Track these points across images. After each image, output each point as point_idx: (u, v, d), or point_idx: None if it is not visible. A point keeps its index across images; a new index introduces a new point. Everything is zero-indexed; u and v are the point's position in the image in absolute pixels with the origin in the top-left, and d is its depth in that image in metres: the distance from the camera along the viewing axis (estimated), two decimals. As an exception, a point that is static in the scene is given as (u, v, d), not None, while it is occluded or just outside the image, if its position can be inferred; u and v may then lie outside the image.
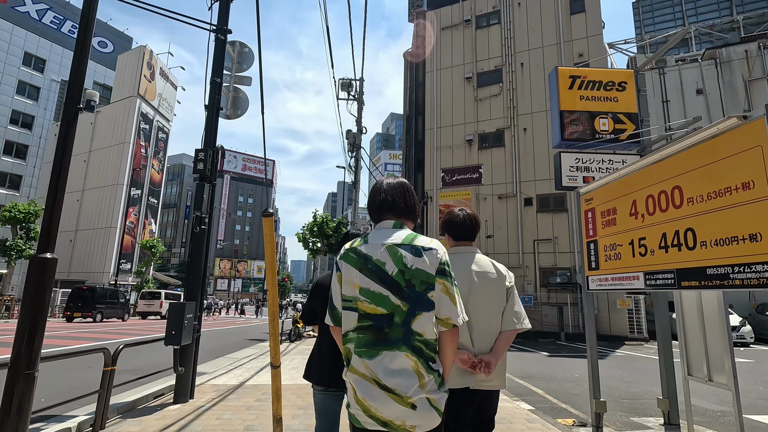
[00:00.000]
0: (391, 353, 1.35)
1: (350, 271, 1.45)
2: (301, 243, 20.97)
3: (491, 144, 19.61)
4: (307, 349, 11.36)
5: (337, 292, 1.50)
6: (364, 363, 1.37)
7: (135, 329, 16.71)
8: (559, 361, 9.78)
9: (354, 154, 19.18)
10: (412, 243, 1.42)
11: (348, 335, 1.44)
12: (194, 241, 5.67)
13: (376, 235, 1.49)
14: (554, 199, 17.96)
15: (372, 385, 1.35)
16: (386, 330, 1.37)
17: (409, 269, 1.37)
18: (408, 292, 1.37)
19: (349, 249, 1.49)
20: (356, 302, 1.42)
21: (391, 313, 1.37)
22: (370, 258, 1.42)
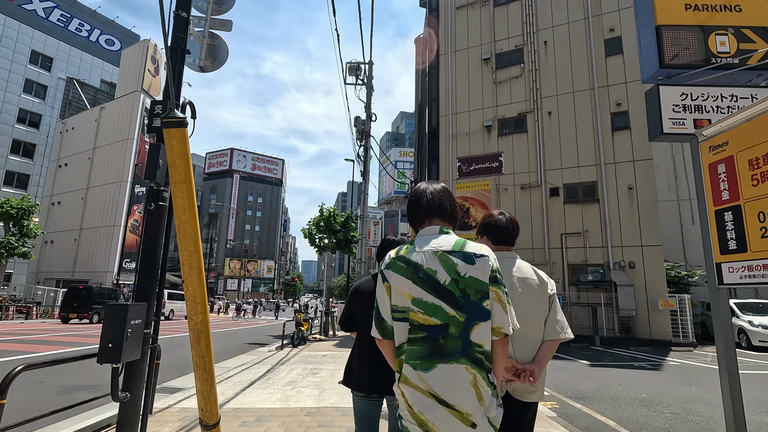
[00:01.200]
0: (448, 366, 1.30)
1: (400, 280, 1.39)
2: (307, 239, 19.64)
3: (512, 130, 18.00)
4: (311, 356, 9.95)
5: (385, 304, 1.43)
6: (419, 376, 1.32)
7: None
8: (607, 373, 8.21)
9: (363, 143, 17.83)
10: (463, 250, 1.38)
11: (402, 347, 1.39)
12: (149, 223, 4.29)
13: (424, 241, 1.43)
14: (583, 188, 16.30)
15: (429, 399, 1.30)
16: (441, 341, 1.32)
17: (463, 278, 1.34)
18: (463, 301, 1.33)
19: (397, 258, 1.43)
20: (408, 313, 1.37)
21: (446, 324, 1.32)
22: (420, 267, 1.37)
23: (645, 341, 13.76)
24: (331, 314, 16.92)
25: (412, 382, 1.34)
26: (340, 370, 7.91)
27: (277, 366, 8.40)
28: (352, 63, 17.63)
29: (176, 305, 27.06)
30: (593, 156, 16.26)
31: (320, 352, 10.76)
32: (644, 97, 4.42)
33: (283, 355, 10.22)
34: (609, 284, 14.97)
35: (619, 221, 15.45)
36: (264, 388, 6.17)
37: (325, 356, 9.99)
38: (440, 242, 1.41)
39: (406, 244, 1.48)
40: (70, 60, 49.60)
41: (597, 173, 16.07)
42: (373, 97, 17.58)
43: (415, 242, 1.45)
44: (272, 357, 9.80)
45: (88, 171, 36.15)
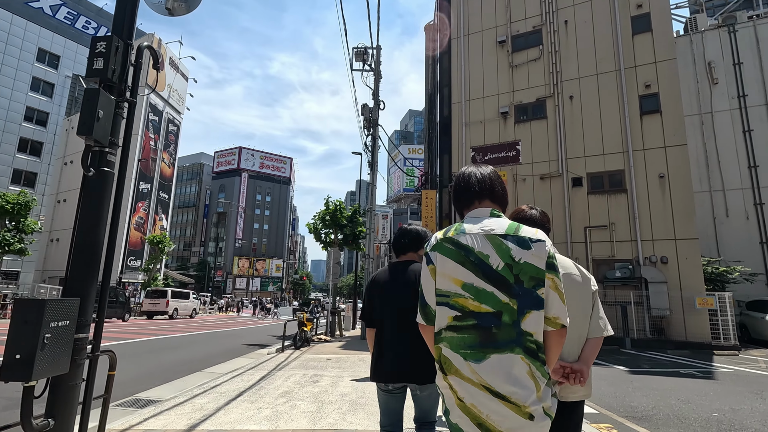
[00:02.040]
0: (502, 356, 1.23)
1: (447, 263, 1.32)
2: (312, 234, 18.67)
3: (530, 116, 16.82)
4: (313, 360, 8.96)
5: (430, 288, 1.36)
6: (470, 367, 1.25)
7: (126, 331, 14.71)
8: (656, 383, 7.06)
9: (371, 132, 16.82)
10: (517, 234, 1.30)
11: (441, 334, 1.32)
12: (87, 194, 3.32)
13: (474, 223, 1.36)
14: (609, 177, 15.06)
15: (482, 391, 1.22)
16: (494, 330, 1.25)
17: (517, 263, 1.27)
18: (517, 288, 1.25)
19: (444, 239, 1.36)
20: (453, 298, 1.30)
21: (499, 312, 1.25)
22: (471, 250, 1.30)
23: (681, 344, 12.51)
24: (337, 313, 15.95)
25: (463, 374, 1.25)
26: (344, 377, 6.91)
27: (274, 372, 7.41)
28: (359, 48, 16.61)
29: (180, 304, 26.32)
30: (620, 142, 15.01)
31: (324, 355, 9.77)
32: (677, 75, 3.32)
33: (282, 358, 9.24)
34: (639, 281, 13.74)
35: (650, 213, 14.19)
36: (252, 401, 5.17)
37: (328, 360, 8.99)
38: (492, 225, 1.34)
39: (453, 226, 1.39)
40: (77, 58, 49.32)
41: (624, 161, 14.83)
42: (380, 93, 16.59)
43: (464, 224, 1.38)
44: (270, 361, 8.83)
45: (93, 168, 35.76)
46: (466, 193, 1.47)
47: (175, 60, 39.11)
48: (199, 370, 7.58)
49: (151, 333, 14.47)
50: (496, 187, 1.47)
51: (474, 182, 1.46)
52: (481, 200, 1.44)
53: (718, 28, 19.65)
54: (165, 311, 24.83)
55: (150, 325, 19.25)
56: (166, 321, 22.88)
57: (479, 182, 1.45)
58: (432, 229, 18.16)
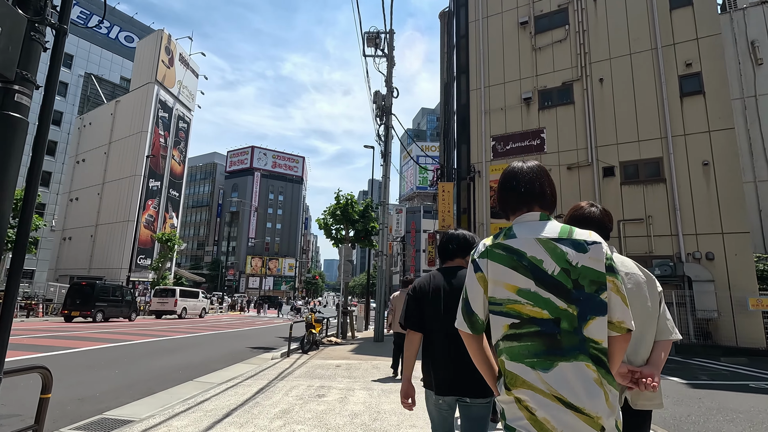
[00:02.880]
0: (569, 364, 1.16)
1: (499, 269, 1.27)
2: (323, 231, 17.74)
3: (555, 102, 15.58)
4: (321, 367, 7.97)
5: (478, 295, 1.31)
6: (540, 376, 1.17)
7: (128, 331, 13.97)
8: (730, 401, 5.87)
9: (383, 121, 15.81)
10: (571, 237, 1.25)
11: (498, 345, 1.26)
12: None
13: (523, 228, 1.30)
14: (645, 166, 13.75)
15: (554, 402, 1.15)
16: (558, 337, 1.18)
17: (575, 268, 1.21)
18: (576, 293, 1.20)
19: (494, 245, 1.30)
20: (507, 305, 1.24)
21: (557, 318, 1.20)
22: (523, 255, 1.25)
23: (732, 350, 11.18)
24: (349, 314, 14.98)
25: (531, 384, 1.18)
26: (356, 390, 5.90)
27: (275, 382, 6.44)
28: (371, 32, 15.61)
29: (189, 303, 25.70)
30: (657, 128, 13.68)
31: (333, 361, 8.78)
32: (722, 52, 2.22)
33: (287, 364, 8.28)
34: (681, 280, 12.42)
35: (692, 204, 12.85)
36: (241, 424, 4.20)
37: (338, 367, 7.99)
38: (543, 229, 1.28)
39: (502, 231, 1.33)
40: (90, 57, 49.55)
41: (663, 148, 13.50)
42: (393, 91, 15.60)
43: (514, 229, 1.31)
44: (273, 367, 7.88)
45: (104, 166, 35.49)
46: (513, 197, 1.39)
47: (185, 56, 38.67)
48: (191, 379, 6.66)
49: (154, 334, 13.69)
50: (546, 190, 1.37)
51: (522, 187, 1.37)
52: (530, 205, 1.35)
53: (762, 4, 18.08)
54: (173, 311, 24.22)
55: (156, 325, 18.57)
56: (174, 321, 22.24)
57: (528, 187, 1.36)
58: (449, 225, 17.05)
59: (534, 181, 1.36)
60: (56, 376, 6.52)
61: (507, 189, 1.40)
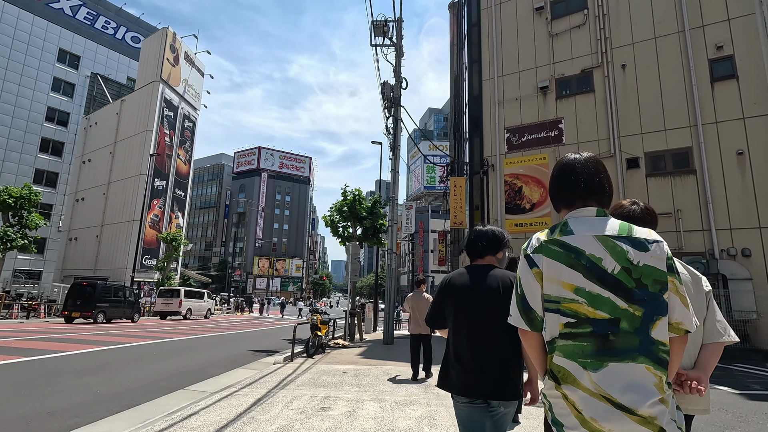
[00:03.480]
0: (622, 365, 1.14)
1: (556, 267, 1.23)
2: (329, 228, 17.05)
3: (574, 90, 14.73)
4: (327, 373, 7.25)
5: (535, 292, 1.27)
6: (589, 376, 1.15)
7: (128, 333, 13.39)
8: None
9: (392, 113, 15.11)
10: (631, 235, 1.20)
11: (553, 342, 1.23)
12: None
13: (580, 224, 1.25)
14: (673, 157, 12.85)
15: (603, 403, 1.13)
16: (611, 338, 1.15)
17: (637, 267, 1.17)
18: (639, 293, 1.16)
19: (550, 241, 1.26)
20: (564, 303, 1.21)
21: (616, 318, 1.16)
22: (582, 252, 1.21)
23: (773, 354, 10.27)
24: (357, 314, 14.27)
25: (580, 383, 1.16)
26: (365, 401, 5.17)
27: (275, 391, 5.74)
28: (378, 21, 14.91)
29: (194, 304, 25.18)
30: (686, 115, 12.79)
31: (341, 366, 8.06)
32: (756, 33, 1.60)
33: (290, 370, 7.57)
34: (715, 278, 11.52)
35: (726, 197, 11.94)
36: (229, 448, 3.48)
37: (346, 373, 7.27)
38: (601, 226, 1.23)
39: (557, 226, 1.29)
40: (96, 58, 49.46)
41: (692, 137, 12.60)
42: (402, 81, 14.93)
43: (569, 224, 1.27)
44: (275, 373, 7.18)
45: (110, 166, 35.22)
46: (570, 191, 1.32)
47: (191, 55, 38.31)
48: (182, 388, 5.98)
49: (153, 336, 13.09)
50: (605, 185, 1.32)
51: (580, 181, 1.31)
52: (587, 200, 1.30)
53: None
54: (178, 311, 23.72)
55: (159, 326, 18.02)
56: (178, 322, 21.70)
57: (586, 181, 1.30)
58: (461, 221, 16.26)
59: (594, 175, 1.31)
60: (33, 384, 5.87)
61: (563, 182, 1.34)
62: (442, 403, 5.17)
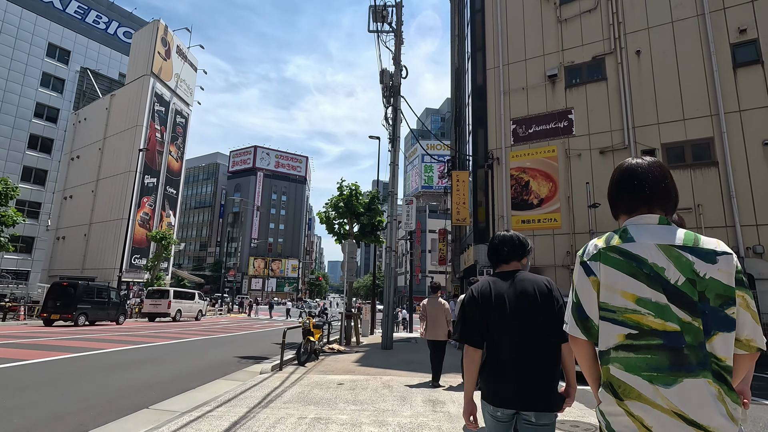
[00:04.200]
0: (695, 381, 1.08)
1: (615, 275, 1.18)
2: (324, 225, 16.12)
3: (585, 79, 13.90)
4: (319, 386, 6.33)
5: (592, 300, 1.23)
6: (658, 391, 1.10)
7: (106, 337, 12.40)
8: None
9: (392, 103, 14.24)
10: (698, 245, 1.14)
11: (609, 353, 1.18)
12: None
13: (642, 232, 1.20)
14: (693, 148, 12.02)
15: (674, 419, 1.08)
16: (685, 351, 1.10)
17: (702, 279, 1.11)
18: (701, 306, 1.10)
19: (609, 248, 1.22)
20: (624, 314, 1.16)
21: (681, 332, 1.11)
22: (644, 261, 1.16)
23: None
24: (354, 317, 13.36)
25: (647, 398, 1.10)
26: (363, 426, 4.24)
27: (257, 411, 4.82)
28: (377, 5, 14.05)
29: (184, 305, 24.16)
30: (706, 104, 11.97)
31: (335, 377, 7.14)
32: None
33: (277, 381, 6.64)
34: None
35: (751, 190, 11.12)
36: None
37: (341, 386, 6.35)
38: (665, 234, 1.18)
39: (616, 233, 1.25)
40: (87, 53, 48.34)
41: (713, 126, 11.78)
42: (402, 69, 14.14)
43: (630, 231, 1.22)
44: (260, 386, 6.25)
45: (99, 162, 34.11)
46: (633, 196, 1.27)
47: (183, 49, 37.25)
48: (146, 406, 5.04)
49: (134, 340, 12.11)
50: (671, 191, 1.26)
51: (645, 185, 1.25)
52: (652, 206, 1.25)
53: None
54: (167, 313, 22.71)
55: (144, 329, 17.02)
56: (166, 324, 20.69)
57: (651, 186, 1.25)
58: (464, 218, 15.37)
59: (659, 180, 1.25)
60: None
61: (625, 189, 1.29)
62: (456, 429, 4.28)
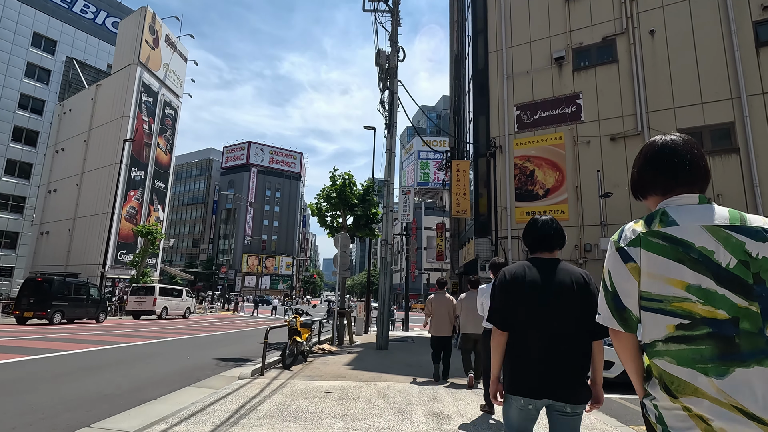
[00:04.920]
0: (748, 370, 1.01)
1: (660, 262, 1.10)
2: (316, 218, 15.17)
3: (594, 61, 13.05)
4: (304, 395, 5.42)
5: (630, 289, 1.15)
6: (713, 383, 1.04)
7: (77, 337, 11.40)
8: None
9: (388, 86, 13.34)
10: (745, 224, 1.07)
11: (655, 346, 1.12)
12: None
13: (684, 213, 1.12)
14: (712, 133, 11.21)
15: (732, 412, 1.01)
16: (737, 340, 1.03)
17: (755, 259, 1.04)
18: (758, 289, 1.04)
19: (650, 232, 1.13)
20: (672, 303, 1.09)
21: (735, 318, 1.04)
22: (691, 245, 1.08)
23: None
24: (347, 314, 12.47)
25: (704, 392, 1.04)
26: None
27: (223, 429, 3.91)
28: (372, -18, 13.12)
29: (171, 302, 23.16)
30: (726, 86, 11.16)
31: (323, 383, 6.24)
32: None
33: (256, 389, 5.72)
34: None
35: (776, 178, 10.33)
36: None
37: (329, 394, 5.45)
38: (709, 215, 1.10)
39: (655, 216, 1.16)
40: (74, 43, 46.94)
41: (735, 110, 10.97)
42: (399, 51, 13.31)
43: (671, 214, 1.13)
44: (234, 395, 5.33)
45: (84, 155, 32.87)
46: (670, 177, 1.18)
47: (172, 38, 36.02)
48: (90, 423, 4.12)
49: (107, 340, 11.13)
50: (709, 172, 1.21)
51: (684, 163, 1.17)
52: (692, 185, 1.17)
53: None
54: (152, 310, 21.69)
55: (125, 327, 16.03)
56: (151, 322, 19.70)
57: (692, 163, 1.17)
58: (465, 209, 14.50)
59: (699, 158, 1.18)
60: None
61: (661, 168, 1.19)
62: None
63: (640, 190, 1.27)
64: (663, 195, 1.19)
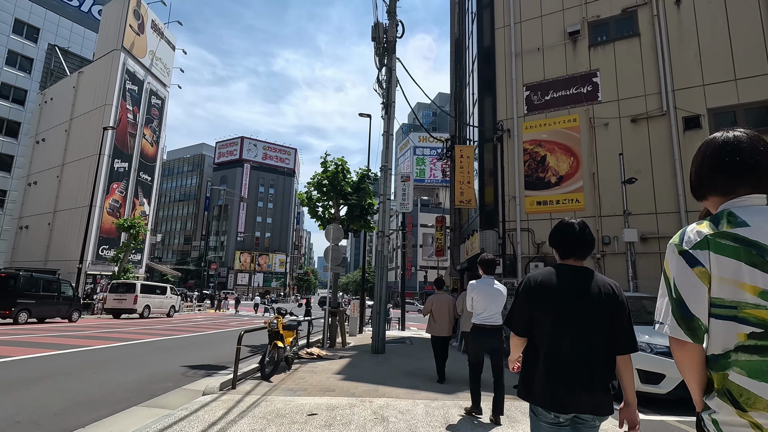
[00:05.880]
0: None
1: (732, 265, 1.02)
2: (306, 208, 13.90)
3: (613, 35, 11.87)
4: (278, 421, 4.14)
5: (700, 296, 1.05)
6: None
7: (35, 340, 10.05)
8: None
9: (385, 63, 12.14)
10: None
11: (728, 357, 1.03)
12: None
13: (754, 214, 1.04)
14: (748, 113, 10.07)
15: None
16: None
17: None
18: None
19: (719, 234, 1.04)
20: (744, 309, 1.00)
21: None
22: (765, 248, 1.00)
23: None
24: (339, 313, 11.24)
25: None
26: None
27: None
28: (368, -51, 11.86)
29: (153, 300, 21.81)
30: (763, 60, 10.02)
31: (308, 399, 5.00)
32: None
33: (221, 411, 4.47)
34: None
35: (821, 162, 9.20)
36: None
37: (312, 418, 4.20)
38: None
39: (721, 216, 1.07)
40: (59, 31, 45.24)
41: (773, 86, 9.84)
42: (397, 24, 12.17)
43: (739, 214, 1.05)
44: (191, 419, 4.08)
45: (65, 145, 31.29)
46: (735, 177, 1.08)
47: (159, 24, 34.44)
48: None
49: (68, 343, 9.81)
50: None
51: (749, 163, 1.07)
52: (758, 187, 1.08)
53: None
54: (133, 309, 20.35)
55: (99, 327, 14.71)
56: (130, 321, 18.37)
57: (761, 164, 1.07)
58: (470, 199, 13.29)
59: (765, 156, 1.08)
60: None
61: (724, 168, 1.10)
62: None
63: (698, 190, 1.17)
64: (723, 196, 1.11)
